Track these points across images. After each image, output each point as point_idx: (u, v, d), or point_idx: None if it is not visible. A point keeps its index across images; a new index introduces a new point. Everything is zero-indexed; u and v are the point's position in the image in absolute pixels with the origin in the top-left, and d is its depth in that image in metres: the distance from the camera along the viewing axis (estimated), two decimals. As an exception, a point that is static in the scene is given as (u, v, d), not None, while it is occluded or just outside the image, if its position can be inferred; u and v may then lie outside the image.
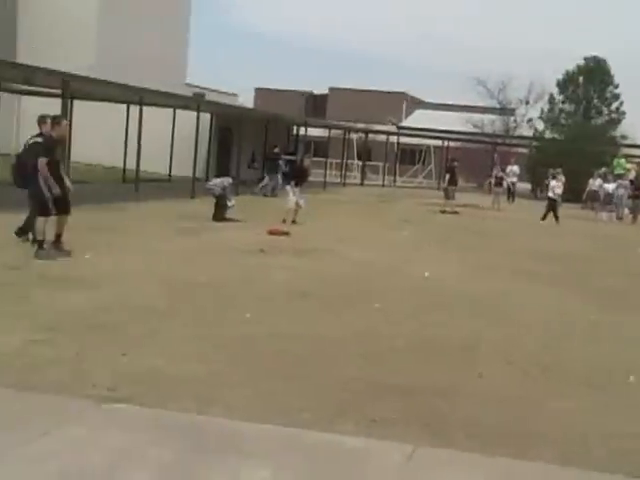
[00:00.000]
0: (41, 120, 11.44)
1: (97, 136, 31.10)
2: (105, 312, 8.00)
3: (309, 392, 6.03)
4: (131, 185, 21.73)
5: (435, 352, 7.52)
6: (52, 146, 11.08)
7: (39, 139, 11.16)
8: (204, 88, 46.69)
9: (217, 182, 18.54)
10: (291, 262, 12.40)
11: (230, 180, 19.11)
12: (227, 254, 12.77)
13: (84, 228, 13.55)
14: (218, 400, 5.67)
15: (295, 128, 40.92)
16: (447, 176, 28.07)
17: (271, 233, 15.74)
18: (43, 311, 7.83)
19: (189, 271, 10.87)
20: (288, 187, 18.84)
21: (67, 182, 11.42)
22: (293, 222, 17.88)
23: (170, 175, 30.26)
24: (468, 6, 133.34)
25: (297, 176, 19.05)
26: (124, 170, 27.60)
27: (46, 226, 11.07)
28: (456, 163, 28.64)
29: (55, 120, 11.43)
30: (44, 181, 10.82)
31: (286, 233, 15.80)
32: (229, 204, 18.02)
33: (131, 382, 5.86)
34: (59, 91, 19.37)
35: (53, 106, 17.08)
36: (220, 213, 17.82)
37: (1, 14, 37.38)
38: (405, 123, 59.12)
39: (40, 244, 10.95)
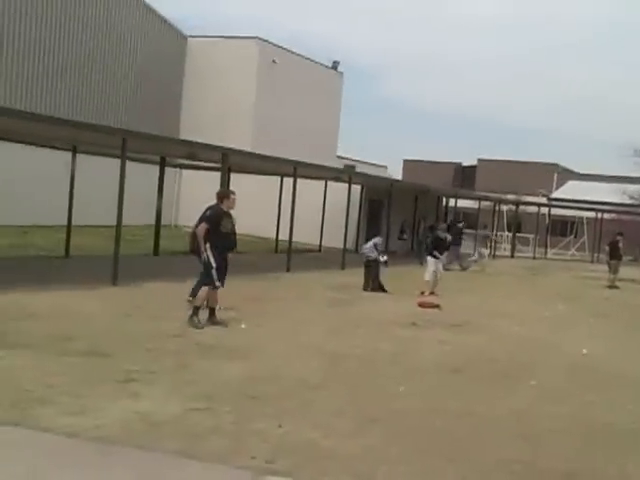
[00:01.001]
0: (225, 193, 11.80)
1: (252, 208, 32.10)
2: (259, 383, 8.10)
3: (467, 473, 5.85)
4: (283, 255, 22.19)
5: (598, 435, 7.15)
6: (219, 216, 11.41)
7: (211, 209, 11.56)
8: (354, 160, 47.69)
9: (369, 245, 18.85)
10: (444, 336, 12.23)
11: (380, 238, 19.44)
12: (379, 326, 12.74)
13: (240, 298, 13.93)
14: (376, 477, 5.58)
15: (444, 199, 40.82)
16: (607, 249, 26.98)
17: (421, 306, 15.64)
18: (201, 380, 8.02)
19: (341, 343, 10.90)
20: (429, 258, 18.71)
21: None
22: (432, 294, 17.76)
23: (321, 246, 30.75)
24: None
25: (438, 246, 18.98)
26: (277, 240, 28.28)
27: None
28: (620, 237, 27.26)
29: (224, 193, 11.80)
30: (201, 247, 11.16)
31: (437, 306, 15.63)
32: (381, 259, 18.39)
33: (288, 455, 5.88)
34: (217, 165, 20.28)
35: (209, 179, 17.80)
36: (371, 282, 17.93)
37: (167, 94, 39.77)
38: (556, 194, 57.82)
39: (195, 311, 11.27)
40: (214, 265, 11.17)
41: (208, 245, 11.22)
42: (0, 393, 6.93)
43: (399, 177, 61.06)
